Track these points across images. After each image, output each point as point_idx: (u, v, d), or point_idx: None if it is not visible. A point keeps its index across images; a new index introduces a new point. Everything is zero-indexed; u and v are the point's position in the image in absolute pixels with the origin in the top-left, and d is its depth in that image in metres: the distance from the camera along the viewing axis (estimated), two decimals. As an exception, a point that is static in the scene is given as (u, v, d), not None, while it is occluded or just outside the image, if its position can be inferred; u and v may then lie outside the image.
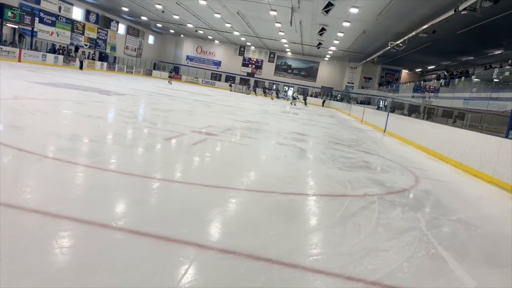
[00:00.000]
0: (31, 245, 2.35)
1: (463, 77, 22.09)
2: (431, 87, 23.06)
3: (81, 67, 31.33)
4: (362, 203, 4.47)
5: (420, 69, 43.52)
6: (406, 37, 22.29)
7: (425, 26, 18.89)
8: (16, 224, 2.60)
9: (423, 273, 2.86)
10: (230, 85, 45.36)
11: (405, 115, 18.29)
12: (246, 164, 6.05)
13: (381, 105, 28.77)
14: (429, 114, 18.18)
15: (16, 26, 25.78)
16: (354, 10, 19.86)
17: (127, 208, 3.30)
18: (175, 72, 32.66)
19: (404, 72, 45.41)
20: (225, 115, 13.44)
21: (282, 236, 3.16)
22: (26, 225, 2.62)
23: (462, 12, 14.33)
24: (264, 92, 44.32)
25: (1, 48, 23.26)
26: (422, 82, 29.12)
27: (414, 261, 3.02)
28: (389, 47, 25.66)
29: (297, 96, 36.01)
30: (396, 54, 30.29)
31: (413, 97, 22.89)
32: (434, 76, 36.22)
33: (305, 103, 36.28)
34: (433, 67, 38.90)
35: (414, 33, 20.84)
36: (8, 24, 24.84)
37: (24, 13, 25.63)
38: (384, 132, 16.79)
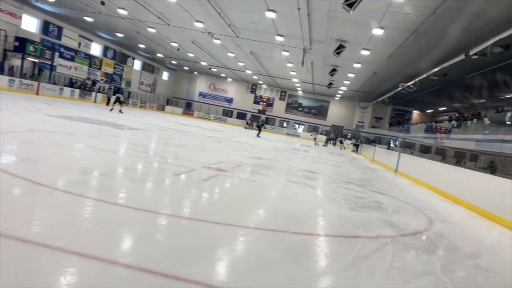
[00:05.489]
0: (38, 280, 2.32)
1: (475, 119, 22.04)
2: (443, 128, 23.00)
3: (108, 103, 31.13)
4: (375, 245, 4.35)
5: (431, 110, 43.59)
6: (417, 79, 22.45)
7: (436, 69, 19.06)
8: (24, 259, 2.58)
9: (441, 323, 2.74)
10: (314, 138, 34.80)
11: (412, 153, 18.15)
12: (256, 201, 5.99)
13: (392, 145, 28.62)
14: (442, 155, 18.02)
15: (37, 60, 26.74)
16: (365, 52, 20.24)
17: (136, 244, 3.26)
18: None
19: (415, 113, 45.52)
20: (236, 151, 13.48)
21: (293, 278, 3.07)
22: (34, 260, 2.59)
23: (473, 57, 14.48)
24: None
25: (21, 81, 24.04)
26: (433, 123, 29.09)
27: (431, 309, 2.89)
28: (399, 89, 25.83)
29: (342, 140, 36.65)
30: (407, 95, 30.46)
31: (424, 137, 22.80)
32: (445, 117, 36.18)
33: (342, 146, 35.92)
34: (444, 108, 38.94)
35: (425, 75, 21.01)
36: (29, 58, 25.80)
37: (45, 48, 26.67)
38: (396, 172, 16.61)
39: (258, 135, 27.44)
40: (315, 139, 34.46)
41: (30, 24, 26.76)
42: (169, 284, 2.57)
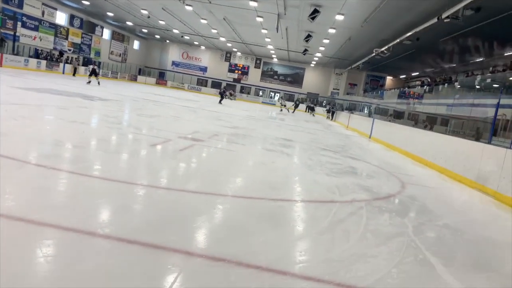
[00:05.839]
0: (15, 253, 2.27)
1: (446, 84, 22.51)
2: (415, 93, 23.42)
3: (74, 74, 30.66)
4: (350, 209, 4.47)
5: (404, 76, 44.17)
6: (390, 44, 22.59)
7: (409, 34, 19.18)
8: (-2, 233, 2.52)
9: (412, 279, 2.87)
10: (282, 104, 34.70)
11: (389, 121, 18.50)
12: (233, 170, 6.02)
13: (366, 111, 29.03)
14: (414, 120, 18.43)
15: (-2, 31, 25.32)
16: (339, 17, 20.06)
17: (113, 215, 3.24)
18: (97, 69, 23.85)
19: (389, 79, 46.04)
20: (211, 121, 13.38)
21: (271, 243, 3.13)
22: (9, 234, 2.54)
23: (445, 20, 14.61)
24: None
25: (-18, 52, 22.79)
26: (406, 88, 29.53)
27: (403, 267, 3.02)
28: (374, 54, 25.96)
29: (313, 107, 37.42)
30: (381, 60, 30.70)
31: (397, 103, 23.20)
32: (418, 82, 36.79)
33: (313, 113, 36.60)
34: (417, 73, 39.52)
35: (398, 40, 21.14)
36: (-11, 29, 24.40)
37: (6, 18, 25.22)
38: (370, 138, 16.95)
39: (220, 102, 27.47)
40: (284, 105, 34.57)
41: (-13, -8, 25.05)
42: (148, 253, 2.58)
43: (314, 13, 18.95)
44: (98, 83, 22.53)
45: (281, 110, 33.32)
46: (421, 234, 4.00)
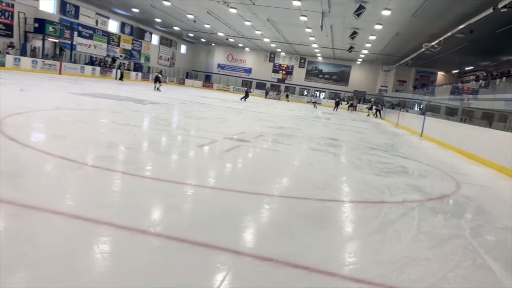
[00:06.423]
0: (74, 249, 2.41)
1: (504, 78, 21.11)
2: (470, 89, 22.17)
3: (121, 78, 32.47)
4: (402, 210, 4.32)
5: (457, 71, 42.01)
6: (441, 38, 21.60)
7: (461, 26, 18.23)
8: (59, 230, 2.69)
9: (470, 284, 2.72)
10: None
11: (442, 118, 17.61)
12: (279, 170, 6.01)
13: (416, 108, 27.91)
14: (469, 116, 17.44)
15: (57, 41, 27.03)
16: (386, 13, 19.46)
17: (164, 214, 3.34)
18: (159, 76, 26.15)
19: (440, 74, 44.01)
20: (256, 122, 13.45)
21: (319, 244, 3.09)
22: (68, 231, 2.70)
23: (502, 10, 13.74)
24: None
25: (43, 61, 24.45)
26: (459, 84, 28.09)
27: (459, 271, 2.87)
28: (423, 49, 24.95)
29: (352, 104, 37.38)
30: (431, 55, 29.41)
31: (450, 99, 22.06)
32: (472, 77, 34.79)
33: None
34: (471, 68, 37.45)
35: (450, 33, 20.16)
36: (49, 39, 26.09)
37: (64, 28, 26.87)
38: (421, 136, 16.29)
39: (244, 99, 28.61)
40: (314, 103, 34.68)
41: (47, 5, 26.77)
42: (198, 251, 2.63)
43: (360, 9, 18.54)
44: (159, 89, 24.25)
45: (316, 107, 33.57)
46: (479, 237, 3.78)
